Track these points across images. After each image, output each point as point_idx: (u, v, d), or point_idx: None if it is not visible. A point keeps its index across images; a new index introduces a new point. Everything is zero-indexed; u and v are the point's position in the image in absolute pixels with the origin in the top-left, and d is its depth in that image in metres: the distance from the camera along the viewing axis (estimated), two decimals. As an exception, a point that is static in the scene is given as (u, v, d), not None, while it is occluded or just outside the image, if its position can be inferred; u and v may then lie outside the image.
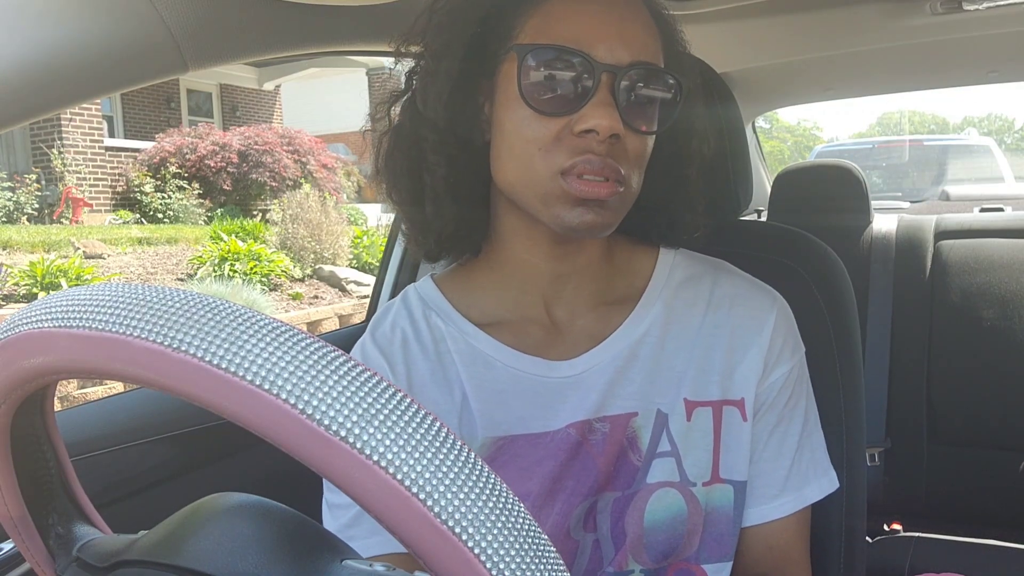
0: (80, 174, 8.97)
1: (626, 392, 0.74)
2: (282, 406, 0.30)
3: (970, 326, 1.84)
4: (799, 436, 0.78)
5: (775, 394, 0.77)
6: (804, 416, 0.79)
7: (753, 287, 0.81)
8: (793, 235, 1.00)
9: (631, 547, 0.72)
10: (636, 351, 0.75)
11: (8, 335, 0.36)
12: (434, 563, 0.30)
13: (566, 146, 0.66)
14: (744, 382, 0.76)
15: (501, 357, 0.74)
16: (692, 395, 0.74)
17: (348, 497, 0.31)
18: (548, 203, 0.68)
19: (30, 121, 0.67)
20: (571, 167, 0.65)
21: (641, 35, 0.68)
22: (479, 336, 0.75)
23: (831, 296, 0.94)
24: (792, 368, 0.78)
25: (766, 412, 0.77)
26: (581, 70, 0.65)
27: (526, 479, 0.71)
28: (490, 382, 0.74)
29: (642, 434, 0.73)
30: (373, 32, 0.97)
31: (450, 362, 0.75)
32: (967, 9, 1.33)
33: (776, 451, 0.77)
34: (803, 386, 0.80)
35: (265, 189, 9.43)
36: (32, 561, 0.46)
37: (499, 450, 0.72)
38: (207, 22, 0.73)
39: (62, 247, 6.36)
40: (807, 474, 0.78)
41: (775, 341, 0.77)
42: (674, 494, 0.73)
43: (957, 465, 1.83)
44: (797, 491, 0.77)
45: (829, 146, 7.79)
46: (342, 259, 7.19)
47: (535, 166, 0.67)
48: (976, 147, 6.51)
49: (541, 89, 0.66)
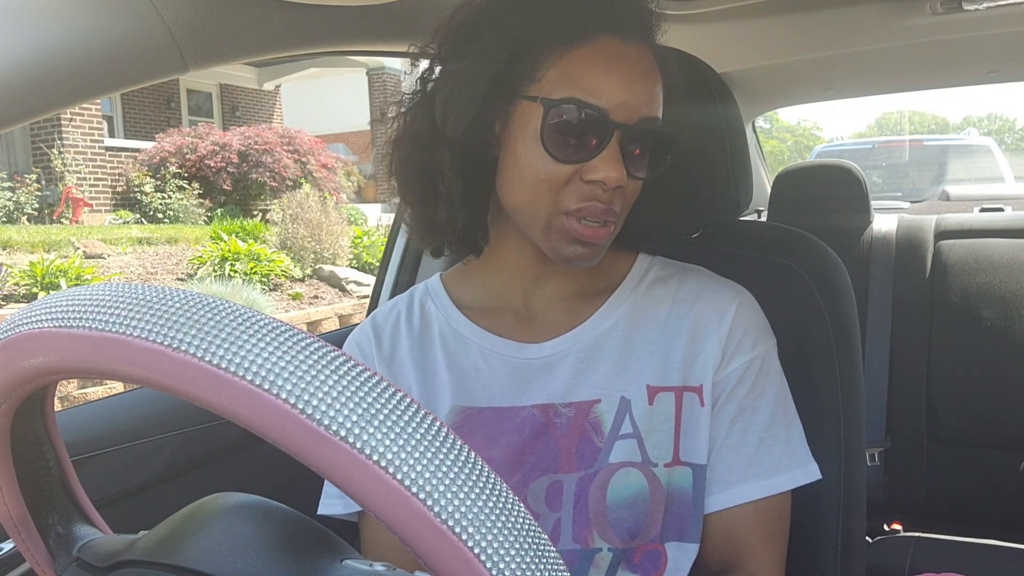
0: (80, 174, 8.97)
1: (591, 380, 0.79)
2: (282, 406, 0.30)
3: (970, 326, 1.84)
4: (765, 426, 0.80)
5: (734, 383, 0.80)
6: (772, 407, 0.80)
7: (717, 283, 0.85)
8: (793, 235, 1.00)
9: (596, 524, 0.76)
10: (602, 342, 0.81)
11: (8, 335, 0.36)
12: (434, 563, 0.30)
13: (575, 190, 0.73)
14: (703, 369, 0.80)
15: (476, 338, 0.83)
16: (654, 381, 0.79)
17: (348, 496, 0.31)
18: (548, 235, 0.76)
19: (30, 121, 0.67)
20: (577, 210, 0.73)
21: (648, 90, 0.74)
22: (460, 319, 0.85)
23: (831, 296, 0.94)
24: (753, 359, 0.80)
25: (726, 401, 0.80)
26: (597, 126, 0.71)
27: (491, 447, 0.78)
28: (464, 359, 0.83)
29: (605, 419, 0.78)
30: (373, 32, 0.97)
31: (431, 341, 0.85)
32: (967, 9, 1.33)
33: (738, 440, 0.79)
34: (770, 378, 0.82)
35: (265, 189, 9.43)
36: (32, 561, 0.46)
37: (467, 419, 0.80)
38: (207, 22, 0.73)
39: (62, 247, 6.36)
40: (776, 464, 0.79)
41: (735, 331, 0.80)
42: (636, 473, 0.76)
43: (957, 465, 1.83)
44: (761, 480, 0.79)
45: (829, 146, 7.79)
46: (342, 259, 7.19)
47: (543, 202, 0.74)
48: (976, 147, 6.51)
49: (560, 138, 0.72)
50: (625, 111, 0.72)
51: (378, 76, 13.15)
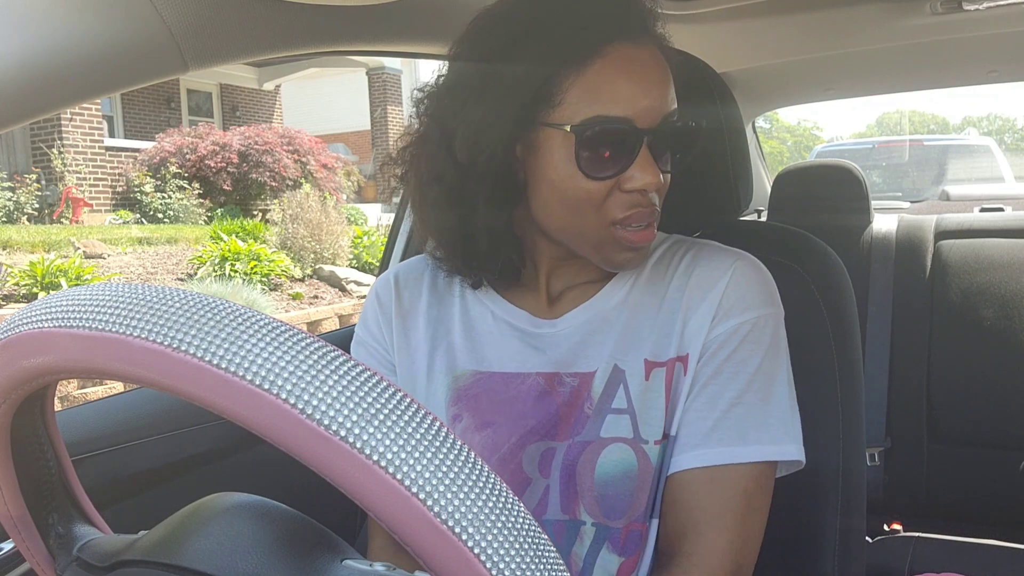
0: (80, 174, 8.97)
1: (595, 352, 0.80)
2: (282, 406, 0.30)
3: (970, 326, 1.84)
4: (740, 392, 0.76)
5: (716, 347, 0.77)
6: (752, 376, 0.76)
7: (717, 251, 0.83)
8: (793, 235, 1.00)
9: (583, 498, 0.76)
10: (610, 315, 0.82)
11: (8, 335, 0.36)
12: (434, 563, 0.30)
13: (616, 201, 0.74)
14: (692, 338, 0.78)
15: (493, 305, 0.86)
16: (652, 356, 0.79)
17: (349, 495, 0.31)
18: (600, 249, 0.77)
19: (30, 121, 0.67)
20: (624, 219, 0.74)
21: (665, 89, 0.74)
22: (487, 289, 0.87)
23: (831, 296, 0.94)
24: (742, 324, 0.77)
25: (704, 364, 0.77)
26: (627, 137, 0.72)
27: (495, 411, 0.81)
28: (480, 324, 0.85)
29: (596, 385, 0.78)
30: (373, 32, 0.97)
31: (451, 301, 0.88)
32: (967, 9, 1.33)
33: (707, 403, 0.76)
34: (759, 346, 0.77)
35: (265, 189, 9.42)
36: (32, 561, 0.46)
37: (478, 381, 0.82)
38: (207, 22, 0.73)
39: (62, 247, 6.36)
40: (742, 433, 0.74)
41: (727, 296, 0.78)
42: (626, 449, 0.76)
43: (957, 465, 1.83)
44: (722, 447, 0.74)
45: (829, 146, 7.78)
46: (342, 259, 7.19)
47: (588, 219, 0.75)
48: (976, 147, 6.50)
49: (593, 156, 0.72)
50: (649, 115, 0.72)
51: (378, 76, 13.15)
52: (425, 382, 0.85)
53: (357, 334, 0.92)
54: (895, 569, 1.45)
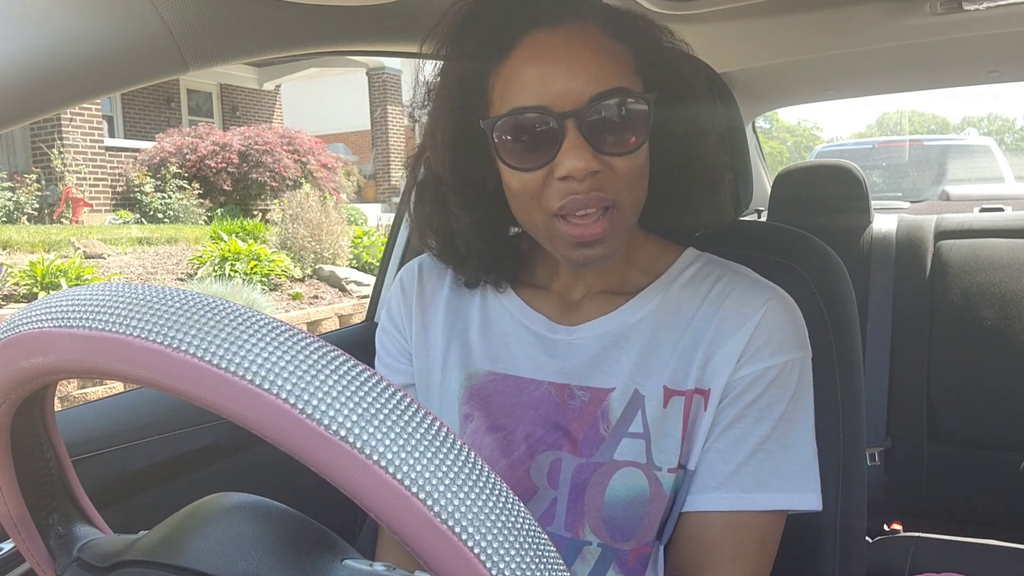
0: (80, 174, 8.97)
1: (610, 368, 0.79)
2: (282, 406, 0.30)
3: (970, 326, 1.84)
4: (763, 439, 0.75)
5: (741, 389, 0.75)
6: (777, 422, 0.75)
7: (751, 284, 0.80)
8: (793, 235, 1.00)
9: (589, 517, 0.76)
10: (628, 333, 0.80)
11: (8, 335, 0.36)
12: (434, 563, 0.30)
13: (553, 190, 0.71)
14: (715, 373, 0.76)
15: (512, 307, 0.85)
16: (671, 383, 0.77)
17: (349, 495, 0.31)
18: (552, 243, 0.75)
19: (31, 121, 0.67)
20: (560, 208, 0.71)
21: (595, 65, 0.69)
22: (506, 289, 0.86)
23: (831, 296, 0.94)
24: (769, 368, 0.75)
25: (729, 404, 0.75)
26: (543, 123, 0.69)
27: (506, 415, 0.80)
28: (499, 325, 0.85)
29: (614, 407, 0.77)
30: (373, 32, 0.97)
31: (471, 298, 0.88)
32: (967, 9, 1.33)
33: (730, 446, 0.75)
34: (786, 392, 0.76)
35: (265, 189, 9.43)
36: (32, 561, 0.46)
37: (491, 382, 0.82)
38: (207, 22, 0.73)
39: (62, 247, 6.36)
40: (763, 481, 0.74)
41: (756, 337, 0.75)
42: (639, 474, 0.75)
43: (957, 465, 1.83)
44: (742, 493, 0.74)
45: (829, 146, 7.78)
46: (342, 259, 7.19)
47: (532, 211, 0.74)
48: (976, 147, 6.50)
49: (517, 150, 0.71)
50: (570, 97, 0.68)
51: (378, 76, 13.15)
52: (440, 377, 0.85)
53: (381, 321, 0.93)
54: (895, 569, 1.45)
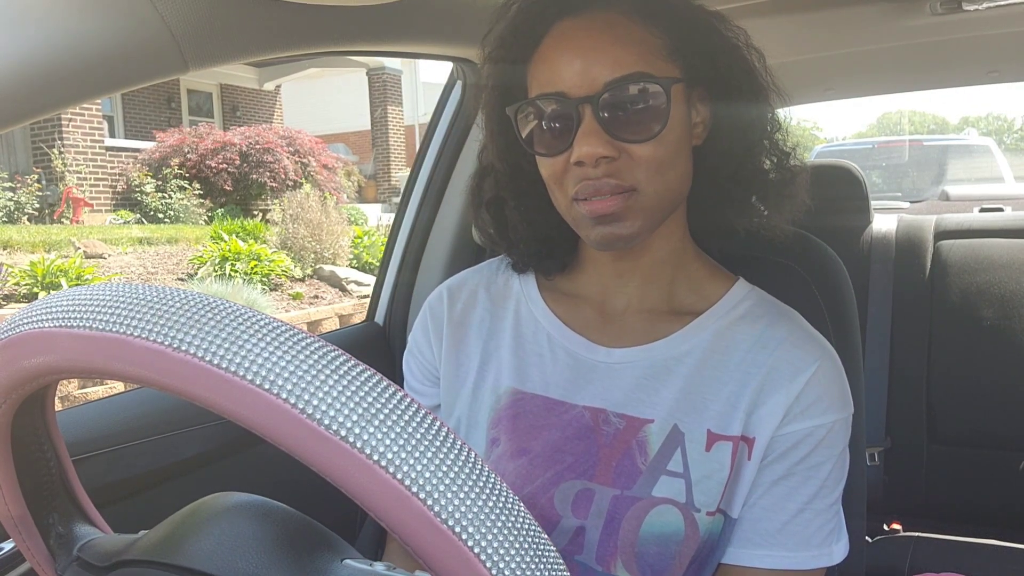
0: (80, 174, 8.97)
1: (651, 400, 0.76)
2: (282, 406, 0.30)
3: (970, 326, 1.84)
4: (809, 498, 0.75)
5: (789, 446, 0.75)
6: (823, 481, 0.75)
7: (806, 337, 0.78)
8: (793, 235, 1.00)
9: (622, 552, 0.74)
10: (672, 366, 0.77)
11: (9, 335, 0.36)
12: (434, 562, 0.30)
13: (571, 176, 0.73)
14: (761, 423, 0.75)
15: (548, 325, 0.83)
16: (715, 427, 0.75)
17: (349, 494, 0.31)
18: (577, 226, 0.76)
19: (31, 121, 0.67)
20: (576, 193, 0.73)
21: (615, 51, 0.69)
22: (537, 301, 0.86)
23: (831, 296, 0.94)
24: (818, 427, 0.74)
25: (775, 461, 0.75)
26: (562, 109, 0.71)
27: (532, 437, 0.78)
28: (530, 342, 0.83)
29: (653, 441, 0.75)
30: (373, 32, 0.97)
31: (503, 315, 0.86)
32: (967, 9, 1.33)
33: (776, 503, 0.75)
34: (834, 451, 0.76)
35: (266, 189, 9.43)
36: (32, 561, 0.46)
37: (518, 401, 0.80)
38: (207, 22, 0.73)
39: (63, 247, 6.36)
40: (808, 539, 0.75)
41: (807, 393, 0.74)
42: (675, 513, 0.73)
43: (957, 465, 1.83)
44: (786, 551, 0.74)
45: (829, 146, 7.78)
46: (342, 259, 7.19)
47: (557, 197, 0.76)
48: (976, 147, 6.51)
49: (539, 136, 0.74)
50: (585, 84, 0.69)
51: (378, 76, 13.15)
52: (470, 398, 0.83)
53: (408, 343, 0.94)
54: (895, 569, 1.45)
